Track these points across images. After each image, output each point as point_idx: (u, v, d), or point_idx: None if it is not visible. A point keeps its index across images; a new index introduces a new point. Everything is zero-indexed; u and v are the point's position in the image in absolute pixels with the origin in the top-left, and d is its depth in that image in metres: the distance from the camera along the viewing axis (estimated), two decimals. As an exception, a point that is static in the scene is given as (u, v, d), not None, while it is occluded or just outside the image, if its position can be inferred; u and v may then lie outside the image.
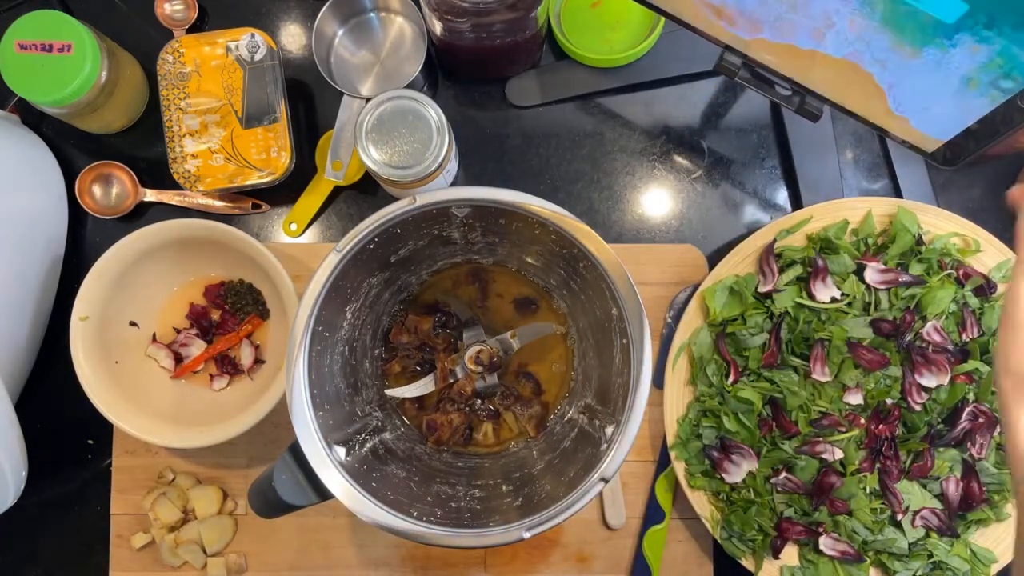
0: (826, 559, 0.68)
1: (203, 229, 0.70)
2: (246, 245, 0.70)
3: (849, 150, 0.78)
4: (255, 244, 0.69)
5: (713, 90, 0.78)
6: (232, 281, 0.76)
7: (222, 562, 0.73)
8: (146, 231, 0.70)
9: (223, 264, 0.75)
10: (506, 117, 0.78)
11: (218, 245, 0.72)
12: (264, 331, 0.76)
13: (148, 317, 0.75)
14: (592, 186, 0.78)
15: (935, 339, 0.68)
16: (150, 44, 0.75)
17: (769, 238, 0.70)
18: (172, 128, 0.72)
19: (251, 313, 0.76)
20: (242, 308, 0.76)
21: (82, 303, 0.69)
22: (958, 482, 0.68)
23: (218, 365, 0.76)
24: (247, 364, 0.75)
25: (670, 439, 0.70)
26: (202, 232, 0.71)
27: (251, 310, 0.76)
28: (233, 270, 0.76)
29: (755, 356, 0.68)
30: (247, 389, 0.75)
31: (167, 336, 0.76)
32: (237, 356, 0.76)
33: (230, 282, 0.76)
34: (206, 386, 0.75)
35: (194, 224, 0.70)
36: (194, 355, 0.75)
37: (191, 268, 0.76)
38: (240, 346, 0.76)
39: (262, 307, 0.76)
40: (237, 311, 0.76)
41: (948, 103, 0.56)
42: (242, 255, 0.72)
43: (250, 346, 0.75)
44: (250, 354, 0.75)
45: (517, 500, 0.61)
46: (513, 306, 0.73)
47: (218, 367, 0.76)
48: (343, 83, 0.75)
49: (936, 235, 0.70)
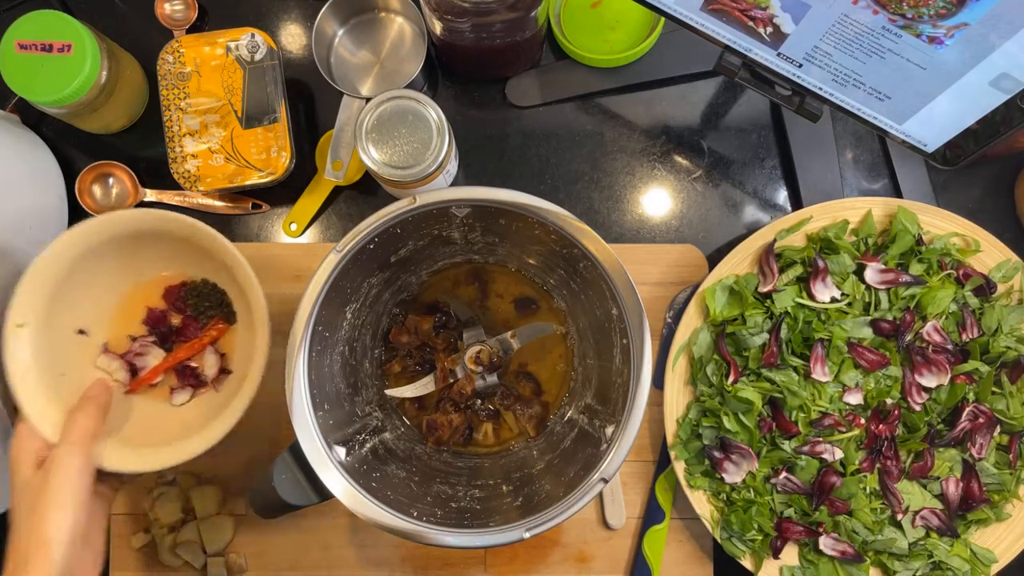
0: (826, 559, 0.68)
1: (157, 221, 0.62)
2: (208, 239, 0.62)
3: (849, 150, 0.78)
4: (219, 239, 0.62)
5: (713, 90, 0.78)
6: (194, 281, 0.69)
7: (222, 562, 0.73)
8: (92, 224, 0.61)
9: (184, 262, 0.68)
10: (506, 117, 0.78)
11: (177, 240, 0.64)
12: (230, 337, 0.69)
13: (98, 323, 0.68)
14: (592, 186, 0.78)
15: (935, 339, 0.68)
16: (150, 44, 0.75)
17: (769, 238, 0.70)
18: (172, 128, 0.72)
19: (215, 317, 0.69)
20: (205, 312, 0.69)
21: (18, 309, 0.60)
22: (958, 482, 0.68)
23: (179, 376, 0.68)
24: (211, 375, 0.68)
25: (670, 439, 0.70)
26: (156, 224, 0.62)
27: (215, 313, 0.69)
28: (195, 269, 0.69)
29: (755, 356, 0.68)
30: (212, 402, 0.68)
31: (121, 345, 0.68)
32: (200, 366, 0.69)
33: (192, 282, 0.69)
34: (166, 400, 0.68)
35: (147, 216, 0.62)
36: (151, 366, 0.68)
37: (147, 267, 0.68)
38: (203, 354, 0.69)
39: (228, 310, 0.69)
40: (200, 315, 0.69)
41: (948, 103, 0.56)
42: (204, 252, 0.64)
43: (215, 354, 0.69)
44: (215, 363, 0.68)
45: (517, 500, 0.61)
46: (513, 306, 0.73)
47: (179, 379, 0.68)
48: (343, 83, 0.75)
49: (936, 235, 0.70)
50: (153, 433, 0.65)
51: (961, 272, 0.69)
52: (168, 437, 0.63)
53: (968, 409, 0.67)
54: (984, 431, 0.67)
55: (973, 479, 0.67)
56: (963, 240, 0.70)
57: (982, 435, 0.67)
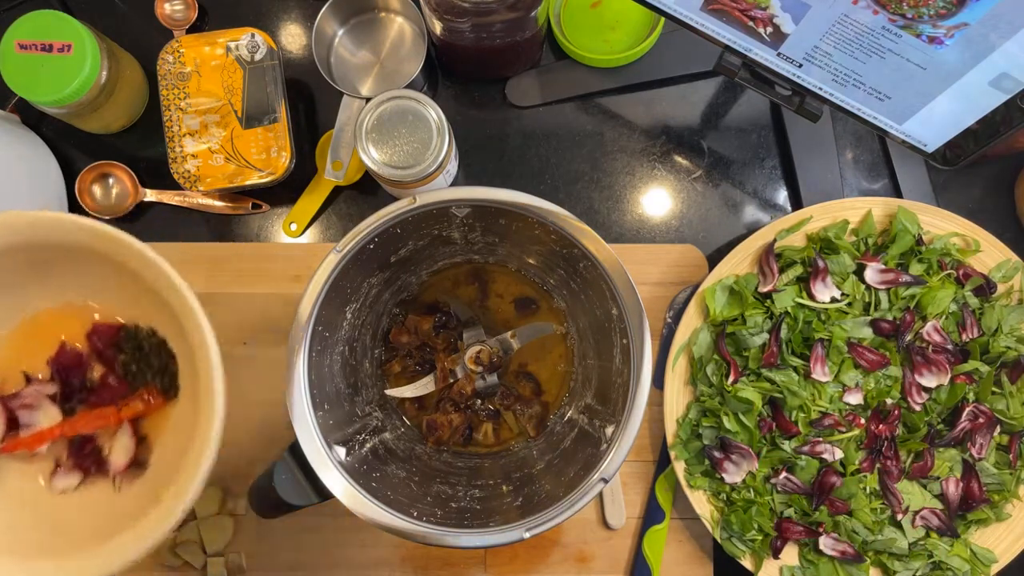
0: (826, 559, 0.68)
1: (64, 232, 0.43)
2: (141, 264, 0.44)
3: (849, 150, 0.78)
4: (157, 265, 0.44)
5: (713, 90, 0.78)
6: (135, 328, 0.52)
7: (222, 562, 0.73)
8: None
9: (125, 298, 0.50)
10: (506, 117, 0.78)
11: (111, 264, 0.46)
12: (161, 419, 0.51)
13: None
14: (592, 186, 0.78)
15: (935, 339, 0.68)
16: (150, 44, 0.75)
17: (769, 238, 0.70)
18: (172, 128, 0.72)
19: (150, 384, 0.51)
20: (139, 373, 0.51)
21: None
22: (958, 482, 0.68)
23: (72, 451, 0.51)
24: (118, 463, 0.51)
25: (670, 439, 0.70)
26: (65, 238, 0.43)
27: (151, 379, 0.52)
28: (140, 311, 0.51)
29: (755, 356, 0.68)
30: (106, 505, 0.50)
31: (8, 380, 0.50)
32: (107, 447, 0.51)
33: (131, 328, 0.52)
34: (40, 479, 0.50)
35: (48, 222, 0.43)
36: (40, 426, 0.49)
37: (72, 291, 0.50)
38: (116, 432, 0.51)
39: (169, 380, 0.52)
40: (130, 375, 0.52)
41: (948, 103, 0.56)
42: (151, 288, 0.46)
43: (130, 435, 0.51)
44: (127, 448, 0.51)
45: (517, 500, 0.61)
46: (513, 306, 0.73)
47: (71, 454, 0.51)
48: (343, 83, 0.75)
49: (936, 235, 0.70)
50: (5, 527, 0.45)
51: (961, 272, 0.69)
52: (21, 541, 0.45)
53: (968, 409, 0.67)
54: (984, 431, 0.67)
55: (973, 479, 0.67)
56: (963, 240, 0.70)
57: (982, 435, 0.67)
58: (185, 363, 0.51)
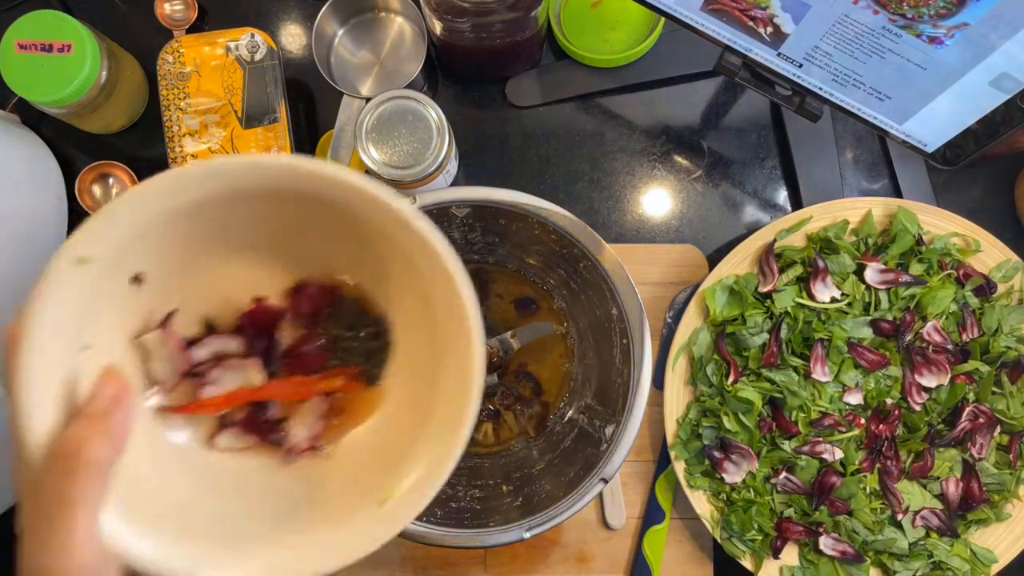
0: (826, 559, 0.68)
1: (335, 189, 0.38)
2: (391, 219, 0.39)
3: (849, 150, 0.78)
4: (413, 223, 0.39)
5: (713, 90, 0.78)
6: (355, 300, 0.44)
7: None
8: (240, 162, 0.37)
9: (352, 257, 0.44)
10: (506, 117, 0.78)
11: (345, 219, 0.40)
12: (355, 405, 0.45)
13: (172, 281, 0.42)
14: (592, 186, 0.78)
15: (935, 339, 0.68)
16: (150, 44, 0.75)
17: (769, 238, 0.70)
18: (172, 128, 0.72)
19: (352, 365, 0.44)
20: (347, 351, 0.44)
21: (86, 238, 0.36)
22: (958, 482, 0.68)
23: (249, 413, 0.44)
24: (299, 440, 0.43)
25: (670, 439, 0.70)
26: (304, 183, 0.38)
27: (354, 361, 0.44)
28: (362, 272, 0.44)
29: (755, 356, 0.68)
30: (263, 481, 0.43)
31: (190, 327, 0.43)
32: (290, 418, 0.44)
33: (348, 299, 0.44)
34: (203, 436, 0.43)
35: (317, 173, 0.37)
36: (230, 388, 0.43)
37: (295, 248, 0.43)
38: (305, 405, 0.44)
39: (375, 365, 0.44)
40: (337, 349, 0.44)
41: (948, 103, 0.56)
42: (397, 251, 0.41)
43: (320, 414, 0.44)
44: (312, 427, 0.44)
45: (517, 500, 0.61)
46: (513, 306, 0.73)
47: (247, 416, 0.44)
48: (343, 83, 0.75)
49: (936, 235, 0.70)
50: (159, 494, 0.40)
51: (961, 272, 0.69)
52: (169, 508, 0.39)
53: (968, 409, 0.67)
54: (984, 431, 0.67)
55: (973, 479, 0.67)
56: (963, 240, 0.70)
57: (982, 435, 0.67)
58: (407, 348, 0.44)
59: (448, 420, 0.41)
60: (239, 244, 0.43)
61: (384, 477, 0.40)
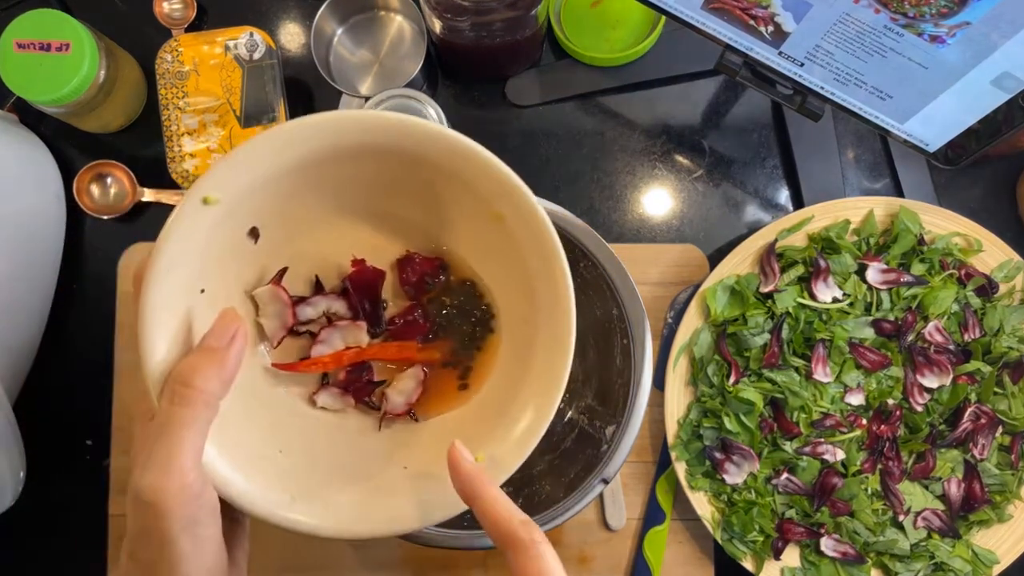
0: (828, 560, 0.67)
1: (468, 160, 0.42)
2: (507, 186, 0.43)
3: (850, 149, 0.78)
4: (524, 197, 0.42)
5: (714, 89, 0.78)
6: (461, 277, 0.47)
7: (221, 563, 0.72)
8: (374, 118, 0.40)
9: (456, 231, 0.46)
10: (506, 117, 0.78)
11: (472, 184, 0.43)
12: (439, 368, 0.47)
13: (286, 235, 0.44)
14: (592, 186, 0.78)
15: (937, 339, 0.67)
16: (149, 43, 0.75)
17: (770, 238, 0.69)
18: (170, 127, 0.71)
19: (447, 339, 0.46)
20: (447, 323, 0.46)
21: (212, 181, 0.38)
22: (960, 483, 0.68)
23: (350, 374, 0.46)
24: (397, 404, 0.46)
25: (671, 440, 0.70)
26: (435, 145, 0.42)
27: (451, 336, 0.46)
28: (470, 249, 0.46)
29: (756, 356, 0.68)
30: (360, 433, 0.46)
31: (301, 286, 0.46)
32: (388, 383, 0.46)
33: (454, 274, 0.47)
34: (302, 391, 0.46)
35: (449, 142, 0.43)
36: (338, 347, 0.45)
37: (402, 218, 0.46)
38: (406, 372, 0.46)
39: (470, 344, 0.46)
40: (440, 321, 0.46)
41: (950, 102, 0.56)
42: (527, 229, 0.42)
43: (418, 381, 0.46)
44: (410, 392, 0.46)
45: (517, 501, 0.61)
46: (513, 306, 0.72)
47: (348, 376, 0.46)
48: (342, 82, 0.75)
49: (938, 235, 0.70)
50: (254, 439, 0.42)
51: (963, 272, 0.69)
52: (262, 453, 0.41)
53: (970, 410, 0.67)
54: (986, 432, 0.67)
55: (975, 480, 0.67)
56: (965, 240, 0.70)
57: (984, 436, 0.67)
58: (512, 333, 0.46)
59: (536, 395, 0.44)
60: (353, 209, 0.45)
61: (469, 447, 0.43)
